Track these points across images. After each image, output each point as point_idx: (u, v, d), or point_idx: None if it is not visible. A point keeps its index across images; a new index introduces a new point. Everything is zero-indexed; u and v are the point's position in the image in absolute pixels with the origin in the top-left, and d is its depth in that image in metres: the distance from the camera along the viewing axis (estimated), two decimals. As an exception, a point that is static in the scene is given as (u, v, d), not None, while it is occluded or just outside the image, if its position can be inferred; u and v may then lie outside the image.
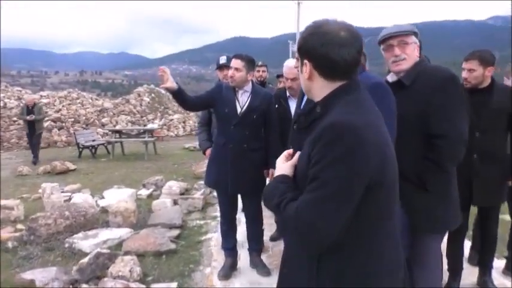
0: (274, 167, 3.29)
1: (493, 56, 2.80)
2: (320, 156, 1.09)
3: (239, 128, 3.24)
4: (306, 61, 1.25)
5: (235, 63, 3.17)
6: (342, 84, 1.22)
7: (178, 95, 3.10)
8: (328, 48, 1.18)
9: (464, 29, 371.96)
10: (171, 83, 2.98)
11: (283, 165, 1.32)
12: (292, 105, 3.40)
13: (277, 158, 3.33)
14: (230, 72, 3.19)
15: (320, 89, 1.25)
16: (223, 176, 3.28)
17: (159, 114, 19.42)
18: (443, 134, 1.96)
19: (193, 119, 19.62)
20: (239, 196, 3.56)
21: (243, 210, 3.58)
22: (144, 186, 6.84)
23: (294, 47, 4.06)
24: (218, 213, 5.42)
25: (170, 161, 10.57)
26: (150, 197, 6.33)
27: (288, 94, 3.42)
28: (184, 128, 19.22)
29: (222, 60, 4.27)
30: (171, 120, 19.23)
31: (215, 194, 6.38)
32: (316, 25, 1.23)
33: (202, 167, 8.22)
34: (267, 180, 3.78)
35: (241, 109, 3.26)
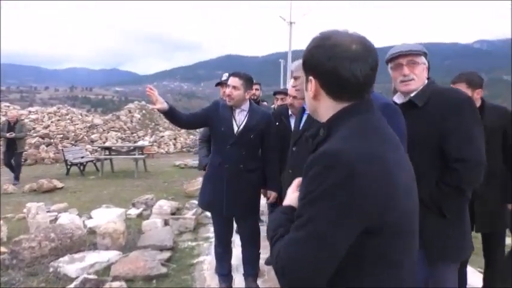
0: (272, 188, 3.23)
1: (480, 78, 2.78)
2: (306, 190, 0.95)
3: (235, 148, 3.12)
4: (311, 78, 1.09)
5: (233, 81, 3.08)
6: (348, 105, 1.06)
7: (170, 115, 2.99)
8: (337, 62, 1.01)
9: (452, 51, 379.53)
10: (161, 104, 2.88)
11: (292, 195, 1.18)
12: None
13: (275, 178, 3.19)
14: (228, 90, 3.09)
15: (326, 109, 1.09)
16: (218, 196, 3.14)
17: (149, 130, 19.24)
18: (462, 157, 1.87)
19: (184, 136, 19.48)
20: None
21: (238, 232, 3.43)
22: (133, 205, 6.63)
23: (291, 66, 3.98)
24: (211, 234, 5.27)
25: (160, 178, 10.38)
26: (140, 216, 6.13)
27: (289, 112, 3.32)
28: (175, 145, 19.04)
29: (224, 76, 4.19)
30: (162, 137, 19.06)
31: (207, 213, 6.23)
32: (324, 36, 1.07)
33: (193, 185, 8.07)
34: (263, 201, 3.66)
35: (238, 128, 3.15)
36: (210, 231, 5.40)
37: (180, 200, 7.17)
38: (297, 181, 1.20)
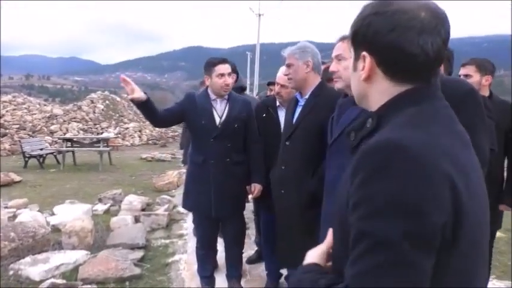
0: (258, 182, 3.03)
1: (492, 65, 2.67)
2: (360, 197, 0.73)
3: (220, 141, 2.91)
4: (365, 53, 0.87)
5: (228, 68, 2.89)
6: (408, 89, 0.84)
7: (147, 108, 2.69)
8: (402, 33, 0.81)
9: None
10: (139, 93, 2.58)
11: (313, 252, 0.97)
12: (282, 115, 3.08)
13: (260, 171, 2.96)
14: (228, 79, 2.89)
15: (380, 94, 0.88)
16: (204, 197, 2.93)
17: (113, 122, 18.51)
18: None
19: (149, 128, 18.90)
20: None
21: (222, 232, 3.22)
22: (100, 200, 6.27)
23: (284, 52, 3.64)
24: (185, 231, 5.04)
25: (127, 172, 9.95)
26: (108, 213, 5.78)
27: (277, 103, 3.14)
28: (140, 137, 18.43)
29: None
30: (127, 128, 18.38)
31: (180, 209, 5.98)
32: (384, 1, 0.85)
33: (163, 179, 7.78)
34: (250, 198, 3.47)
35: (220, 119, 2.93)
36: (183, 228, 5.17)
37: (150, 195, 6.86)
38: (329, 238, 0.96)
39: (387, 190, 0.69)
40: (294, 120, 2.43)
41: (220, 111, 2.96)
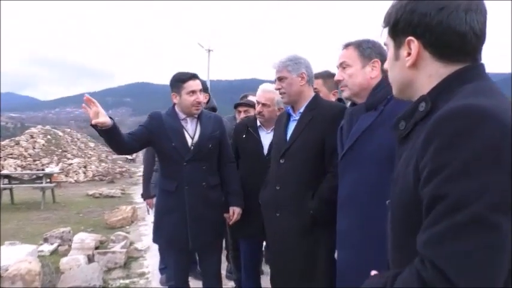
0: (237, 205, 2.76)
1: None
2: (439, 162, 0.71)
3: (194, 164, 2.65)
4: (411, 38, 0.88)
5: (200, 85, 2.69)
6: (459, 69, 0.85)
7: (113, 134, 2.35)
8: (451, 13, 0.83)
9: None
10: (104, 117, 2.24)
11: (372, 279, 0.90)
12: (264, 136, 2.93)
13: (239, 194, 2.78)
14: (201, 97, 2.68)
15: (430, 77, 0.88)
16: (180, 228, 2.62)
17: (55, 158, 17.35)
18: None
19: (95, 163, 17.96)
20: None
21: (201, 266, 2.89)
22: (46, 240, 5.63)
23: (273, 66, 3.52)
24: (145, 270, 4.60)
25: (73, 209, 9.18)
26: (56, 253, 5.21)
27: (258, 123, 2.96)
28: (85, 173, 17.36)
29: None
30: (70, 164, 17.28)
31: (138, 246, 5.51)
32: None
33: (116, 215, 7.23)
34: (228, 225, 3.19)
35: (193, 140, 2.68)
36: (144, 266, 4.74)
37: (102, 232, 6.31)
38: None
39: (469, 152, 0.68)
40: (288, 137, 2.26)
41: (191, 131, 2.72)
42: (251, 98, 3.91)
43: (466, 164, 0.67)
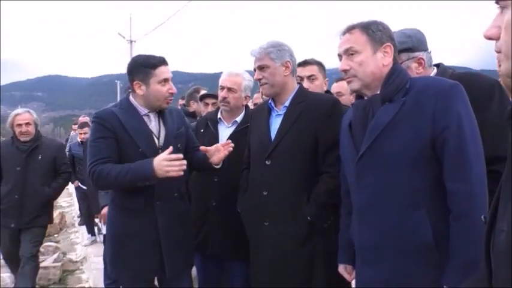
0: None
1: None
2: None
3: None
4: None
5: (170, 71, 2.21)
6: None
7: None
8: None
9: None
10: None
11: None
12: (223, 130, 2.59)
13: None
14: (173, 87, 2.18)
15: None
16: (151, 257, 2.15)
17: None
18: None
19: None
20: None
21: None
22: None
23: (253, 52, 2.65)
24: (85, 285, 4.15)
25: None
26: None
27: (219, 116, 2.62)
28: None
29: None
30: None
31: (72, 257, 4.98)
32: None
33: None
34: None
35: (159, 140, 2.20)
36: (83, 281, 4.27)
37: (27, 244, 5.60)
38: None
39: None
40: (274, 135, 2.02)
41: (156, 130, 2.21)
42: (202, 92, 3.65)
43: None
